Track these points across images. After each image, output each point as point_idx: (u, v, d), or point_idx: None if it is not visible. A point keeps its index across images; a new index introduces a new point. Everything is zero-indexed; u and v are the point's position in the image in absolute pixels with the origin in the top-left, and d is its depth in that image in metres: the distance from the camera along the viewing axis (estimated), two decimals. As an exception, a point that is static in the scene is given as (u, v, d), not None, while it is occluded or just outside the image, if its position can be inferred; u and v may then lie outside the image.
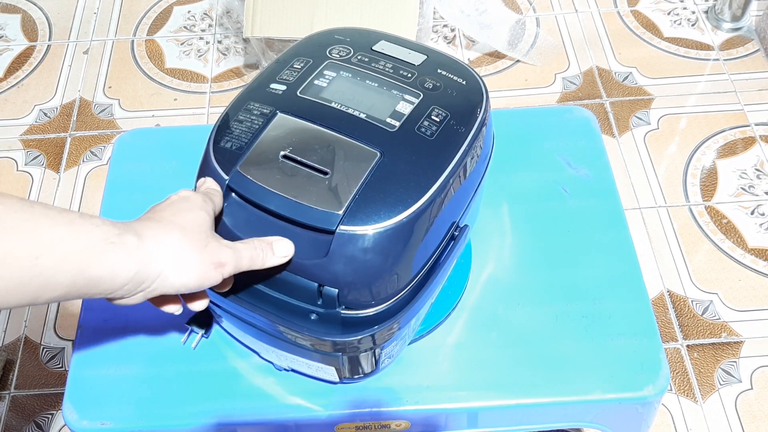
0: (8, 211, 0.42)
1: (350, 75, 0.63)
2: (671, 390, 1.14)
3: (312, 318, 0.58)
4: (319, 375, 0.67)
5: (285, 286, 0.58)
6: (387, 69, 0.64)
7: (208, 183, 0.58)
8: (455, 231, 0.63)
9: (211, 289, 0.57)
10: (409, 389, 0.68)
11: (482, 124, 0.62)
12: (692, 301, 1.23)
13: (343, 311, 0.58)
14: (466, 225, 0.64)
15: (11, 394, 1.17)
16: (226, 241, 0.53)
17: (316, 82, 0.63)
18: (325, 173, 0.56)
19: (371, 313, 0.58)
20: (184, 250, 0.49)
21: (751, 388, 1.14)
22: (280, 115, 0.61)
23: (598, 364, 0.69)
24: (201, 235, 0.50)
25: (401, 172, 0.57)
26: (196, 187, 0.59)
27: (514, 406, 0.68)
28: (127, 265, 0.46)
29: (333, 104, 0.61)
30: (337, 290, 0.56)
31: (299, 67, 0.65)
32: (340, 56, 0.65)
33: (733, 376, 1.15)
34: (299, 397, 0.68)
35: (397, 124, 0.59)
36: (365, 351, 0.60)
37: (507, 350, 0.70)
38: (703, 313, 1.21)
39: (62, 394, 0.70)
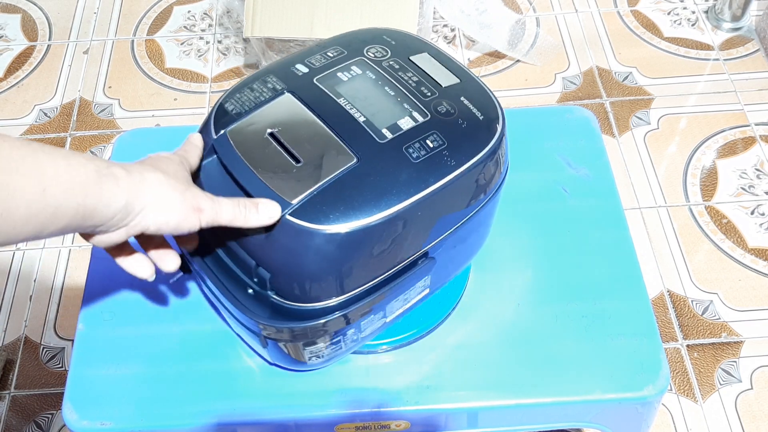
0: (11, 147, 0.44)
1: (373, 77, 0.62)
2: (671, 390, 1.14)
3: (249, 292, 0.59)
4: (257, 350, 0.68)
5: (233, 255, 0.60)
6: (411, 81, 0.62)
7: (192, 138, 0.60)
8: (420, 260, 0.61)
9: (177, 243, 0.60)
10: (409, 389, 0.68)
11: (481, 163, 0.59)
12: (692, 301, 1.23)
13: (272, 296, 0.58)
14: (433, 258, 0.62)
15: (11, 394, 1.17)
16: (207, 192, 0.55)
17: (338, 74, 0.62)
18: (298, 161, 0.57)
19: (298, 308, 0.58)
20: (165, 189, 0.52)
21: (751, 388, 1.14)
22: (287, 94, 0.61)
23: (598, 364, 0.69)
24: (181, 181, 0.53)
25: (367, 185, 0.56)
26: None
27: (514, 406, 0.68)
28: (118, 195, 0.49)
29: (340, 100, 0.60)
30: (269, 274, 0.57)
31: (332, 55, 0.64)
32: (374, 56, 0.64)
33: (733, 376, 1.15)
34: (299, 397, 0.68)
35: (390, 137, 0.58)
36: (288, 342, 0.61)
37: (507, 350, 0.70)
38: (703, 313, 1.21)
39: (62, 394, 0.70)
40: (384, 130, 0.58)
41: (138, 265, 0.57)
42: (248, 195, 0.56)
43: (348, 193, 0.55)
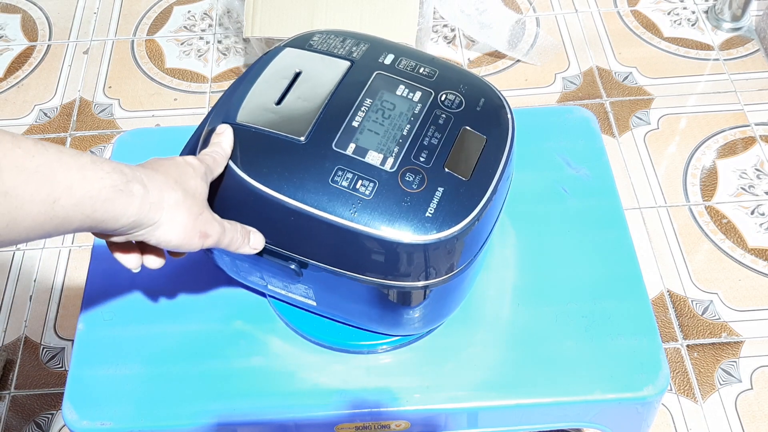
0: (26, 155, 0.44)
1: (416, 112, 0.60)
2: (671, 390, 1.14)
3: None
4: None
5: None
6: (433, 140, 0.59)
7: (224, 141, 0.59)
8: (288, 261, 0.61)
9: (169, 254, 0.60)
10: (409, 389, 0.68)
11: (366, 243, 0.56)
12: (692, 301, 1.23)
13: None
14: (300, 273, 0.61)
15: (11, 394, 1.17)
16: (217, 216, 0.56)
17: (400, 85, 0.62)
18: (279, 104, 0.60)
19: None
20: (181, 210, 0.52)
21: (751, 388, 1.14)
22: (346, 62, 0.63)
23: (598, 364, 0.69)
24: (198, 203, 0.54)
25: (284, 161, 0.57)
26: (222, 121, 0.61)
27: (514, 406, 0.68)
28: (130, 211, 0.49)
29: (366, 100, 0.60)
30: None
31: (420, 71, 0.63)
32: (441, 100, 0.61)
33: (733, 376, 1.15)
34: (299, 397, 0.68)
35: (343, 152, 0.57)
36: None
37: (507, 350, 0.70)
38: (703, 313, 1.21)
39: (62, 394, 0.70)
40: (351, 145, 0.58)
41: (127, 258, 0.58)
42: (239, 96, 0.61)
43: (267, 154, 0.58)
